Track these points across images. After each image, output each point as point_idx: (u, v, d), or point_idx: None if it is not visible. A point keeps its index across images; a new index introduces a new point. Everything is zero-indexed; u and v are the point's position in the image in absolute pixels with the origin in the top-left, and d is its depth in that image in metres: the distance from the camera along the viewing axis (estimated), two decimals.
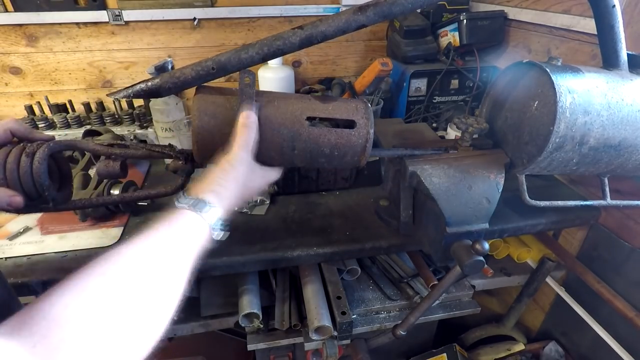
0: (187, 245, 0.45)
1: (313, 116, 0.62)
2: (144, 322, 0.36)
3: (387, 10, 0.60)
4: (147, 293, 0.37)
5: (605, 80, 0.70)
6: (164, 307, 0.39)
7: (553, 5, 1.11)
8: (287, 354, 1.12)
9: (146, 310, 0.37)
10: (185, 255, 0.44)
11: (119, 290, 0.35)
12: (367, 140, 0.64)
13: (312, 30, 0.60)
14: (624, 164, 0.76)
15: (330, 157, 0.65)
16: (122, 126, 1.22)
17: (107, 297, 0.34)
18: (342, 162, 0.67)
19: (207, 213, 0.49)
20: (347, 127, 0.64)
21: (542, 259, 1.09)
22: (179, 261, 0.43)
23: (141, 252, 0.40)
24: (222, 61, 0.61)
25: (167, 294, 0.40)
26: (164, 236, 0.44)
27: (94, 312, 0.32)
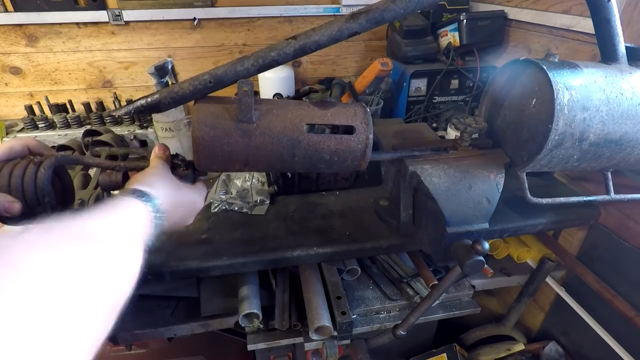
0: (132, 228, 0.45)
1: (312, 123, 0.62)
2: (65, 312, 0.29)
3: (379, 16, 0.60)
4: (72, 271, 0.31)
5: (604, 74, 0.70)
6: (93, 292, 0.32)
7: (553, 5, 1.11)
8: (287, 354, 1.12)
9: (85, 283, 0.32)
10: (132, 240, 0.43)
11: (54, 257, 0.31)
12: (366, 145, 0.64)
13: (306, 40, 0.61)
14: (626, 158, 0.76)
15: (330, 163, 0.65)
16: (122, 126, 1.22)
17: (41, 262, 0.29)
18: (342, 167, 0.67)
19: (147, 200, 0.49)
20: (347, 133, 0.64)
21: (542, 259, 1.09)
22: (125, 242, 0.41)
23: (86, 226, 0.38)
24: (219, 75, 0.62)
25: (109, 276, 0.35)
26: (110, 216, 0.43)
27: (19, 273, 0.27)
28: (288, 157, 0.63)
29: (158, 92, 0.63)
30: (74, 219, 0.38)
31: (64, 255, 0.32)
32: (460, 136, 0.79)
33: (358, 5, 1.44)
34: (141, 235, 0.45)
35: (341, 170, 0.70)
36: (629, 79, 0.71)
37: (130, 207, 0.47)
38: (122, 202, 0.47)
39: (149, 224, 0.48)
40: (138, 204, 0.48)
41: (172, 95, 0.62)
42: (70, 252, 0.32)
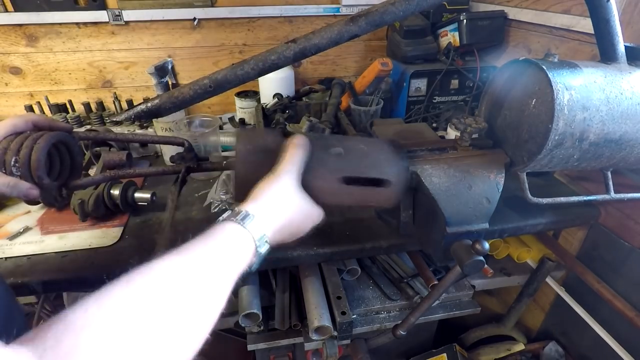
0: (227, 258, 0.42)
1: (349, 177, 0.62)
2: (170, 338, 0.33)
3: (379, 19, 0.61)
4: (177, 307, 0.35)
5: (603, 74, 0.70)
6: (195, 323, 0.36)
7: (553, 5, 1.11)
8: (287, 354, 1.12)
9: (174, 325, 0.34)
10: (224, 269, 0.41)
11: (144, 302, 0.33)
12: (398, 193, 0.66)
13: (306, 44, 0.61)
14: (626, 157, 0.76)
15: (357, 206, 0.68)
16: (122, 126, 1.22)
17: (131, 307, 0.32)
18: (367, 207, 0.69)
19: (250, 224, 0.45)
20: (379, 185, 0.64)
21: (542, 259, 1.09)
22: (215, 275, 0.40)
23: (174, 265, 0.37)
24: (219, 79, 0.62)
25: (200, 310, 0.37)
26: (201, 248, 0.41)
27: (114, 321, 0.30)
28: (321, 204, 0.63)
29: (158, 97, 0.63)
30: (163, 264, 0.37)
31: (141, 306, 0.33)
32: (461, 136, 0.79)
33: (358, 5, 1.44)
34: (236, 269, 0.43)
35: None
36: (628, 79, 0.71)
37: (227, 234, 0.44)
38: (223, 233, 0.44)
39: (249, 254, 0.45)
40: (238, 232, 0.45)
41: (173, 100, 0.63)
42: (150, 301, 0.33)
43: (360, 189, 0.62)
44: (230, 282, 0.41)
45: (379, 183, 0.63)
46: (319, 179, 0.59)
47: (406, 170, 0.65)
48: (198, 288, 0.37)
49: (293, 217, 0.53)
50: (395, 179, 0.64)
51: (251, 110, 1.39)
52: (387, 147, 0.66)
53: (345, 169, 0.61)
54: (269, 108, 1.25)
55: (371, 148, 0.64)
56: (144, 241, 0.83)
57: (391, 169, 0.64)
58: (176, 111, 0.65)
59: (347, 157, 0.61)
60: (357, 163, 0.61)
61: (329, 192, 0.61)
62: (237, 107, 1.42)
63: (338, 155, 0.61)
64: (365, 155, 0.62)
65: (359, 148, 0.62)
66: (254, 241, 0.45)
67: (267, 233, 0.47)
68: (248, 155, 0.59)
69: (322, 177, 0.59)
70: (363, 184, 0.62)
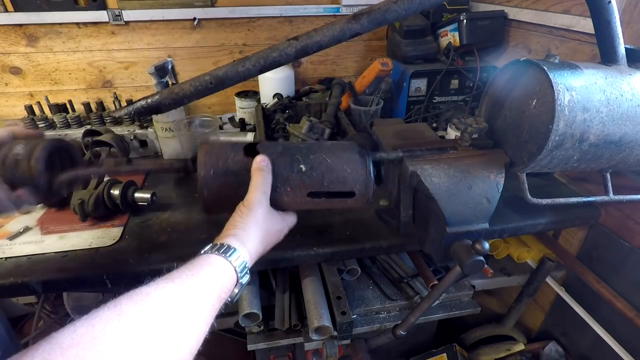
0: (213, 289, 0.45)
1: (313, 192, 0.64)
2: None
3: (381, 17, 0.60)
4: (163, 334, 0.37)
5: (604, 76, 0.70)
6: (178, 348, 0.38)
7: (553, 5, 1.11)
8: (287, 354, 1.12)
9: (159, 351, 0.35)
10: (210, 300, 0.44)
11: (132, 327, 0.34)
12: (366, 201, 0.67)
13: (308, 41, 0.61)
14: (625, 159, 0.76)
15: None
16: (122, 126, 1.22)
17: (120, 332, 0.33)
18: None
19: (232, 257, 0.49)
20: (347, 197, 0.66)
21: (542, 259, 1.09)
22: (201, 305, 0.42)
23: (162, 295, 0.39)
24: (220, 75, 0.62)
25: (184, 336, 0.39)
26: (189, 280, 0.43)
27: (101, 343, 0.31)
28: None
29: (158, 93, 0.63)
30: (150, 290, 0.39)
31: (132, 334, 0.34)
32: (461, 136, 0.79)
33: (358, 5, 1.43)
34: (220, 300, 0.46)
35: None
36: (628, 81, 0.71)
37: (212, 267, 0.47)
38: (206, 264, 0.47)
39: (232, 285, 0.48)
40: (224, 267, 0.48)
41: (173, 96, 0.62)
42: (138, 328, 0.35)
43: (326, 200, 0.65)
44: (214, 311, 0.44)
45: (344, 194, 0.65)
46: (285, 196, 0.62)
47: (369, 174, 0.65)
48: (184, 317, 0.40)
49: (269, 240, 0.59)
50: (360, 189, 0.65)
51: (251, 110, 1.39)
52: (352, 156, 0.66)
53: (310, 185, 0.63)
54: (269, 108, 1.25)
55: (335, 160, 0.64)
56: (144, 241, 0.83)
57: (356, 179, 0.65)
58: (176, 107, 0.65)
59: (311, 173, 0.63)
60: (321, 179, 0.63)
61: (296, 205, 0.65)
62: (237, 107, 1.42)
63: (301, 172, 0.62)
64: (330, 169, 0.64)
65: (323, 162, 0.64)
66: (236, 273, 0.49)
67: (248, 263, 0.51)
68: (211, 180, 0.60)
69: (287, 194, 0.62)
70: (328, 197, 0.65)
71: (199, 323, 0.41)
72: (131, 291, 0.38)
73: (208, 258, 0.48)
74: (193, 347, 0.40)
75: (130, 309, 0.36)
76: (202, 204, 0.63)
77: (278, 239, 0.63)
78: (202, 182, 0.60)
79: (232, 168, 0.61)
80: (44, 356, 0.29)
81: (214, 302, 0.44)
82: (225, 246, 0.49)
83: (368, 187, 0.66)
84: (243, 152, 0.62)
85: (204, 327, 0.42)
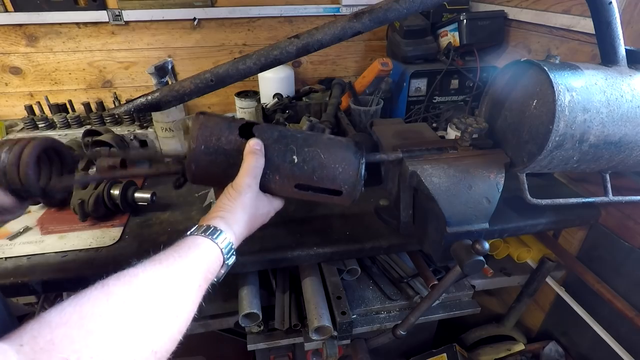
0: (200, 270, 0.46)
1: (301, 184, 0.64)
2: (142, 341, 0.35)
3: (382, 16, 0.60)
4: (151, 314, 0.37)
5: (604, 76, 0.70)
6: (165, 329, 0.38)
7: (553, 5, 1.11)
8: (287, 354, 1.12)
9: (146, 330, 0.36)
10: (197, 281, 0.44)
11: (119, 306, 0.35)
12: (352, 201, 0.67)
13: (309, 39, 0.61)
14: (625, 160, 0.76)
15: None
16: (122, 126, 1.22)
17: (108, 311, 0.34)
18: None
19: (219, 238, 0.50)
20: (334, 194, 0.66)
21: (542, 259, 1.09)
22: (189, 286, 0.43)
23: (150, 276, 0.40)
24: (220, 73, 0.62)
25: (171, 316, 0.39)
26: (177, 261, 0.44)
27: (88, 321, 0.32)
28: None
29: (158, 91, 0.63)
30: (138, 271, 0.40)
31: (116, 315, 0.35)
32: (461, 136, 0.79)
33: (358, 5, 1.43)
34: (207, 280, 0.47)
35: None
36: (629, 82, 0.71)
37: (199, 248, 0.48)
38: (194, 246, 0.47)
39: (218, 266, 0.49)
40: (210, 248, 0.49)
41: (173, 93, 0.62)
42: (125, 308, 0.36)
43: (312, 194, 0.65)
44: (202, 292, 0.45)
45: (331, 191, 0.65)
46: (273, 183, 0.62)
47: (360, 177, 0.65)
48: (172, 297, 0.40)
49: (255, 222, 0.60)
50: (347, 190, 0.65)
51: (251, 110, 1.38)
52: (347, 155, 0.65)
53: (299, 177, 0.63)
54: (269, 108, 1.25)
55: (329, 157, 0.63)
56: (144, 241, 0.83)
57: (345, 180, 0.64)
58: (176, 104, 0.65)
59: (302, 166, 0.62)
60: (311, 173, 0.63)
61: (282, 193, 0.65)
62: (237, 107, 1.41)
63: (293, 164, 0.62)
64: (322, 165, 0.63)
65: (317, 157, 0.63)
66: (222, 254, 0.50)
67: (234, 245, 0.52)
68: (201, 155, 0.59)
69: (275, 182, 0.62)
70: (315, 191, 0.65)
71: (186, 303, 0.42)
72: (119, 272, 0.38)
73: (195, 240, 0.48)
74: (182, 326, 0.40)
75: (118, 289, 0.36)
76: (190, 177, 0.62)
77: (264, 221, 0.63)
78: (192, 155, 0.59)
79: (224, 147, 0.60)
80: (33, 334, 0.29)
81: (201, 282, 0.45)
82: (211, 228, 0.50)
83: (356, 189, 0.65)
84: (238, 132, 0.61)
85: (192, 307, 0.43)
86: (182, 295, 0.42)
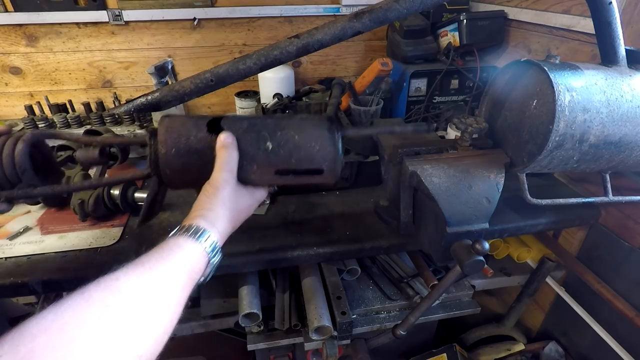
0: (184, 273, 0.45)
1: (280, 169, 0.62)
2: (125, 347, 0.35)
3: (383, 16, 0.60)
4: (134, 320, 0.37)
5: (604, 77, 0.70)
6: (149, 334, 0.38)
7: (553, 5, 1.11)
8: (287, 354, 1.12)
9: (131, 335, 0.36)
10: (181, 284, 0.44)
11: (102, 313, 0.34)
12: (335, 177, 0.64)
13: (309, 39, 0.61)
14: (625, 160, 0.76)
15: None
16: (122, 126, 1.22)
17: (90, 317, 0.33)
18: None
19: (202, 238, 0.49)
20: (315, 174, 0.64)
21: (542, 259, 1.09)
22: (173, 291, 0.43)
23: (133, 282, 0.39)
24: (220, 73, 0.62)
25: (156, 321, 0.39)
26: (161, 266, 0.43)
27: (69, 329, 0.31)
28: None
29: (158, 91, 0.63)
30: (119, 275, 0.39)
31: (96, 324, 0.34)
32: (461, 136, 0.79)
33: (358, 5, 1.43)
34: (192, 282, 0.46)
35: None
36: (629, 82, 0.71)
37: (182, 250, 0.47)
38: (176, 247, 0.47)
39: (203, 267, 0.49)
40: (194, 249, 0.48)
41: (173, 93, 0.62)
42: (103, 318, 0.35)
43: (294, 177, 0.63)
44: (187, 292, 0.45)
45: (312, 171, 0.63)
46: (252, 174, 0.60)
47: (338, 151, 0.62)
48: (156, 300, 0.40)
49: (238, 217, 0.59)
50: (328, 166, 0.62)
51: (251, 110, 1.39)
52: (321, 132, 0.62)
53: (277, 163, 0.61)
54: (269, 108, 1.25)
55: (303, 137, 0.61)
56: (144, 241, 0.83)
57: (324, 157, 0.62)
58: (176, 104, 0.65)
59: (278, 151, 0.60)
60: (288, 157, 0.61)
61: (264, 182, 0.63)
62: (237, 107, 1.42)
63: (267, 151, 0.60)
64: (297, 147, 0.61)
65: (291, 139, 0.61)
66: (207, 254, 0.49)
67: (218, 243, 0.51)
68: (173, 159, 0.57)
69: (254, 172, 0.60)
70: (296, 174, 0.62)
71: (171, 305, 0.42)
72: (100, 278, 0.38)
73: (177, 241, 0.48)
74: (167, 328, 0.40)
75: (99, 294, 0.36)
76: (166, 182, 0.61)
77: (247, 214, 0.62)
78: (164, 161, 0.57)
79: (195, 146, 0.58)
80: (13, 343, 0.29)
81: (186, 283, 0.45)
82: (194, 227, 0.49)
83: (336, 164, 0.63)
84: (206, 129, 0.59)
85: (177, 308, 0.42)
86: (166, 298, 0.41)
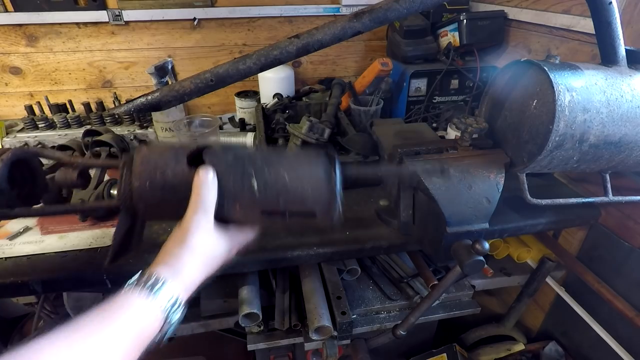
0: (128, 338, 0.40)
1: (267, 211, 0.55)
2: None
3: (383, 16, 0.60)
4: None
5: (604, 77, 0.70)
6: None
7: (553, 5, 1.11)
8: (287, 354, 1.12)
9: None
10: (121, 350, 0.39)
11: None
12: (330, 221, 0.57)
13: (309, 39, 0.61)
14: (624, 160, 0.76)
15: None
16: (122, 126, 1.22)
17: None
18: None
19: (161, 292, 0.43)
20: (307, 216, 0.57)
21: (542, 259, 1.09)
22: (110, 356, 0.38)
23: (60, 351, 0.35)
24: (220, 73, 0.62)
25: None
26: (98, 329, 0.38)
27: None
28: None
29: (158, 91, 0.63)
30: (44, 345, 0.35)
31: None
32: (461, 136, 0.79)
33: (358, 5, 1.43)
34: (141, 345, 0.41)
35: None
36: (629, 82, 0.71)
37: (136, 316, 0.41)
38: (125, 306, 0.42)
39: (156, 327, 0.43)
40: (146, 308, 0.42)
41: (173, 93, 0.62)
42: None
43: (283, 220, 0.56)
44: (134, 357, 0.40)
45: (304, 214, 0.57)
46: (235, 213, 0.54)
47: (335, 193, 0.55)
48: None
49: (212, 263, 0.52)
50: (321, 210, 0.56)
51: (251, 110, 1.39)
52: (316, 172, 0.56)
53: (263, 204, 0.54)
54: (269, 108, 1.25)
55: (295, 177, 0.54)
56: (144, 241, 0.83)
57: (317, 200, 0.55)
58: (176, 104, 0.65)
59: (264, 191, 0.53)
60: (275, 198, 0.54)
61: (249, 222, 0.58)
62: (237, 107, 1.42)
63: (252, 190, 0.53)
64: (286, 188, 0.54)
65: (280, 179, 0.54)
66: (164, 312, 0.43)
67: (181, 297, 0.45)
68: (147, 193, 0.52)
69: (237, 212, 0.54)
70: (286, 216, 0.56)
71: None
72: (20, 346, 0.33)
73: (128, 299, 0.42)
74: None
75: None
76: (141, 215, 0.56)
77: (226, 259, 0.55)
78: (137, 195, 0.52)
79: (171, 181, 0.52)
80: None
81: (131, 349, 0.40)
82: (152, 279, 0.44)
83: (332, 208, 0.56)
84: (186, 161, 0.53)
85: None
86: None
